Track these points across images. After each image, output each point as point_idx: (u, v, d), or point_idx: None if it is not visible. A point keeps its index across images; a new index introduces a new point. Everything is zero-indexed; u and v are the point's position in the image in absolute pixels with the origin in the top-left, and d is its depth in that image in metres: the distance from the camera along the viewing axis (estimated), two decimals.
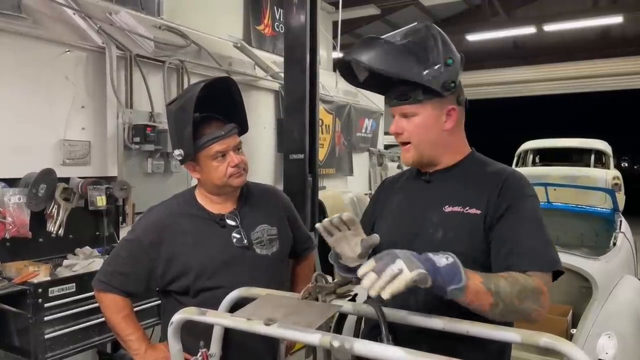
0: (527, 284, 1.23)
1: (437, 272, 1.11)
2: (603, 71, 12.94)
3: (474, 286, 1.16)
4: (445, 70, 1.37)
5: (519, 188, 1.40)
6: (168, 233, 1.76)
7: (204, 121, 1.76)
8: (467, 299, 1.16)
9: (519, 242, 1.32)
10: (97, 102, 3.22)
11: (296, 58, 3.88)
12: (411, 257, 1.11)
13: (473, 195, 1.41)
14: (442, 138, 1.46)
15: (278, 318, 1.17)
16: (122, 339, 1.78)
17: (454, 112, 1.45)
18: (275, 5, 5.77)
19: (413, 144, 1.45)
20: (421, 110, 1.42)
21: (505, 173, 1.44)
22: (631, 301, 3.07)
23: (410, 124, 1.44)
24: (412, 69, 1.36)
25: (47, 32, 2.97)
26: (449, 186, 1.47)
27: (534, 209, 1.38)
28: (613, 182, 8.68)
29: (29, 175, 2.74)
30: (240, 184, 1.81)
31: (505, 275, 1.24)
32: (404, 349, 0.99)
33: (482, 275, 1.20)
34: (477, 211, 1.38)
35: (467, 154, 1.53)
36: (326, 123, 5.59)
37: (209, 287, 1.74)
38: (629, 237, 4.36)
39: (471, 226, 1.38)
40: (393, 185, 1.66)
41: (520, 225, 1.34)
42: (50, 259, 2.77)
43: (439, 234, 1.41)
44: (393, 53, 1.37)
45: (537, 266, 1.29)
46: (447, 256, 1.15)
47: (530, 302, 1.22)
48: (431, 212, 1.45)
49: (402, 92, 1.43)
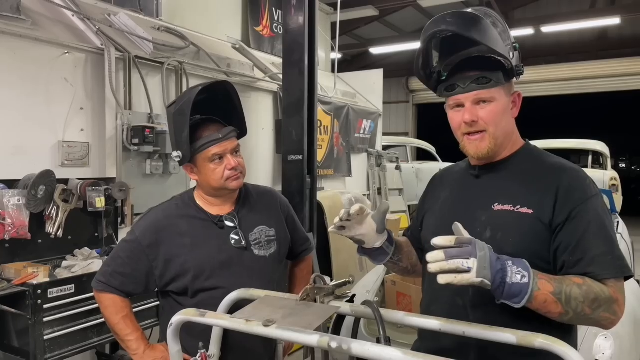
0: (601, 294, 1.19)
1: (503, 286, 1.10)
2: (601, 72, 12.97)
3: (542, 297, 1.14)
4: (514, 54, 1.32)
5: (582, 189, 1.31)
6: (166, 234, 1.77)
7: (202, 124, 1.78)
8: (533, 307, 1.16)
9: (589, 250, 1.25)
10: (96, 103, 3.22)
11: (295, 59, 3.89)
12: (486, 262, 1.09)
13: (525, 192, 1.33)
14: (511, 125, 1.40)
15: (277, 319, 1.18)
16: (121, 339, 1.79)
17: (519, 99, 1.40)
18: (274, 6, 5.78)
19: (489, 132, 1.35)
20: (498, 95, 1.34)
21: (563, 170, 1.35)
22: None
23: (485, 110, 1.34)
24: (502, 45, 1.27)
25: (46, 33, 2.98)
26: (499, 182, 1.39)
27: (599, 209, 1.30)
28: (610, 183, 8.72)
29: (28, 177, 2.75)
30: (237, 187, 1.82)
31: (581, 281, 1.20)
32: (400, 349, 1.00)
33: (555, 283, 1.16)
34: (529, 210, 1.30)
35: (520, 146, 1.44)
36: (325, 124, 5.60)
37: (207, 288, 1.75)
38: (625, 238, 4.38)
39: (523, 226, 1.30)
40: (442, 179, 1.61)
41: (588, 230, 1.26)
42: (49, 260, 2.77)
43: (486, 234, 1.33)
44: (488, 28, 1.28)
45: (611, 273, 1.23)
46: (523, 274, 1.12)
47: (603, 311, 1.19)
48: (480, 209, 1.38)
49: (481, 76, 1.32)
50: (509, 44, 1.31)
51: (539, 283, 1.14)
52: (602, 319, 1.20)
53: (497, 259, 1.12)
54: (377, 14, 11.69)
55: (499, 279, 1.10)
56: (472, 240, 1.12)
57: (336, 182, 6.09)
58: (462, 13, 1.32)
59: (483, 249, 1.11)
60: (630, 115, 20.46)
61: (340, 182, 6.22)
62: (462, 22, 1.28)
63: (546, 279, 1.16)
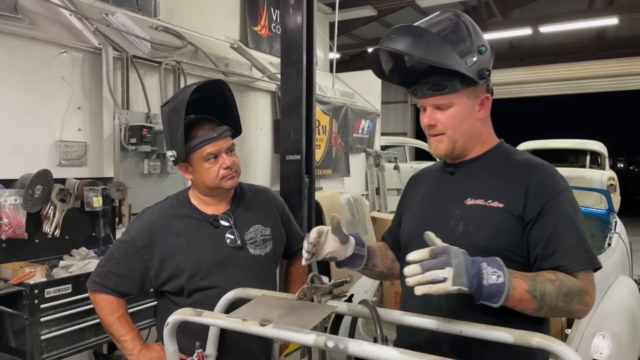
0: (573, 287, 1.23)
1: (481, 289, 1.14)
2: (599, 72, 12.99)
3: (518, 295, 1.18)
4: (479, 58, 1.35)
5: (552, 184, 1.36)
6: (161, 234, 1.77)
7: (197, 123, 1.77)
8: (510, 305, 1.19)
9: (561, 243, 1.30)
10: (94, 103, 3.22)
11: (293, 59, 3.88)
12: (462, 268, 1.11)
13: (496, 187, 1.38)
14: (475, 128, 1.43)
15: (273, 319, 1.18)
16: (117, 339, 1.78)
17: (487, 101, 1.43)
18: (272, 6, 5.78)
19: (447, 135, 1.41)
20: (457, 100, 1.38)
21: (533, 167, 1.40)
22: (626, 301, 3.08)
23: (445, 115, 1.40)
24: (451, 57, 1.31)
25: (44, 33, 2.97)
26: (473, 178, 1.44)
27: (569, 203, 1.34)
28: (608, 183, 8.73)
29: (25, 176, 2.74)
30: (232, 186, 1.82)
31: (553, 277, 1.24)
32: (397, 349, 1.00)
33: (529, 280, 1.20)
34: (500, 204, 1.35)
35: (494, 145, 1.49)
36: (323, 124, 5.60)
37: (203, 287, 1.75)
38: (624, 238, 4.38)
39: (494, 220, 1.35)
40: (419, 179, 1.65)
41: (559, 225, 1.31)
42: (46, 260, 2.76)
43: (459, 228, 1.38)
44: (431, 41, 1.32)
45: (581, 265, 1.28)
46: (499, 274, 1.15)
47: (576, 303, 1.24)
48: (453, 204, 1.42)
49: (437, 83, 1.37)
50: (469, 50, 1.33)
51: (514, 282, 1.17)
52: (575, 310, 1.25)
53: (473, 263, 1.15)
54: (376, 14, 11.70)
55: (476, 283, 1.13)
56: (447, 249, 1.14)
57: (334, 182, 6.08)
58: (407, 29, 1.35)
59: (458, 255, 1.13)
60: (629, 116, 20.51)
61: (338, 182, 6.21)
62: (404, 40, 1.32)
63: (520, 277, 1.20)
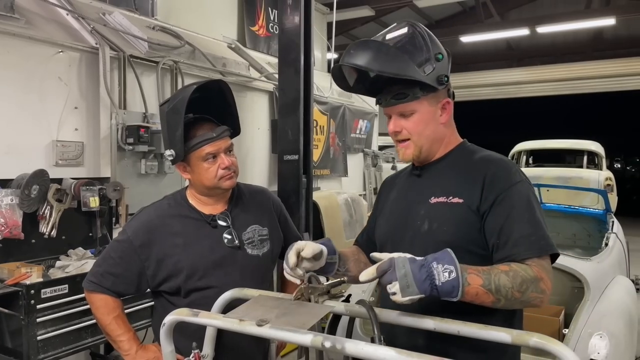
0: (526, 276, 1.25)
1: (435, 290, 1.15)
2: (596, 73, 13.01)
3: (473, 290, 1.20)
4: (437, 65, 1.41)
5: (506, 176, 1.41)
6: (158, 234, 1.76)
7: (196, 122, 1.77)
8: (467, 300, 1.21)
9: (513, 232, 1.33)
10: (90, 102, 3.21)
11: (290, 59, 3.88)
12: (409, 279, 1.14)
13: (457, 184, 1.45)
14: (439, 132, 1.50)
15: (270, 319, 1.17)
16: (113, 339, 1.78)
17: (448, 105, 1.49)
18: (270, 6, 5.77)
19: (412, 141, 1.48)
20: (419, 107, 1.45)
21: (490, 162, 1.46)
22: (623, 301, 3.09)
23: (409, 121, 1.47)
24: (409, 67, 1.37)
25: (40, 32, 2.96)
26: (436, 178, 1.51)
27: (523, 194, 1.39)
28: (605, 183, 8.74)
29: (21, 176, 2.73)
30: (230, 186, 1.82)
31: (506, 268, 1.26)
32: (394, 349, 1.00)
33: (483, 274, 1.22)
34: (460, 200, 1.41)
35: (457, 144, 1.56)
36: (320, 124, 5.59)
37: (200, 287, 1.75)
38: (621, 238, 4.39)
39: (455, 215, 1.41)
40: (391, 182, 1.72)
41: (511, 214, 1.35)
42: (42, 260, 2.76)
43: (425, 226, 1.45)
44: (389, 54, 1.39)
45: (534, 252, 1.31)
46: (450, 270, 1.16)
47: (531, 292, 1.25)
48: (419, 204, 1.49)
49: (398, 92, 1.44)
50: (426, 58, 1.40)
51: (469, 278, 1.19)
52: (531, 299, 1.26)
53: (421, 267, 1.17)
54: (373, 14, 11.69)
55: (428, 286, 1.15)
56: (391, 263, 1.18)
57: (332, 182, 6.08)
58: (365, 45, 1.42)
59: (404, 265, 1.16)
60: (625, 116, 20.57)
61: (336, 182, 6.21)
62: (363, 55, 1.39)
63: (475, 272, 1.22)
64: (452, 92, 1.52)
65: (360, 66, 1.39)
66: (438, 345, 1.29)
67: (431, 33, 1.47)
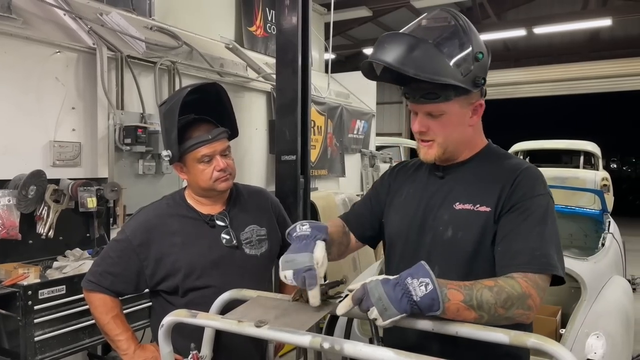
0: (512, 292, 1.19)
1: (414, 306, 1.10)
2: (592, 73, 13.06)
3: (454, 307, 1.13)
4: (475, 65, 1.30)
5: (531, 186, 1.34)
6: (157, 233, 1.77)
7: (194, 123, 1.77)
8: (449, 317, 1.15)
9: (517, 241, 1.28)
10: (88, 103, 3.20)
11: (288, 59, 3.88)
12: (384, 301, 1.10)
13: (484, 191, 1.37)
14: (466, 134, 1.42)
15: (269, 320, 1.17)
16: (111, 339, 1.78)
17: (480, 108, 1.40)
18: (267, 6, 5.77)
19: (437, 142, 1.40)
20: (449, 108, 1.35)
21: (519, 169, 1.38)
22: (619, 301, 3.10)
23: (437, 122, 1.37)
24: (446, 69, 1.27)
25: (38, 32, 2.95)
26: (461, 182, 1.43)
27: (541, 207, 1.32)
28: (602, 184, 8.77)
29: (18, 177, 2.73)
30: (226, 189, 1.82)
31: (491, 283, 1.20)
32: (393, 350, 1.00)
33: (465, 289, 1.16)
34: (487, 209, 1.34)
35: (482, 147, 1.48)
36: (318, 124, 5.60)
37: (198, 287, 1.75)
38: (617, 238, 4.41)
39: (481, 225, 1.34)
40: (405, 173, 1.60)
41: (522, 224, 1.30)
42: (40, 260, 2.75)
43: (448, 233, 1.38)
44: (426, 54, 1.27)
45: (531, 267, 1.24)
46: (426, 282, 1.10)
47: (516, 308, 1.19)
48: (442, 209, 1.41)
49: (429, 91, 1.33)
50: (466, 58, 1.29)
51: (449, 294, 1.13)
52: (516, 315, 1.20)
53: (396, 286, 1.11)
54: (371, 15, 11.70)
55: (407, 303, 1.10)
56: (364, 289, 1.13)
57: (330, 182, 6.08)
58: (400, 39, 1.29)
59: (377, 289, 1.11)
60: (622, 116, 20.65)
61: (333, 182, 6.21)
62: (396, 51, 1.27)
63: (455, 287, 1.15)
64: (484, 90, 1.40)
65: (392, 65, 1.27)
66: (450, 349, 1.25)
67: (472, 27, 1.34)
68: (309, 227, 1.33)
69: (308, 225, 1.33)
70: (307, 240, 1.29)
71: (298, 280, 1.23)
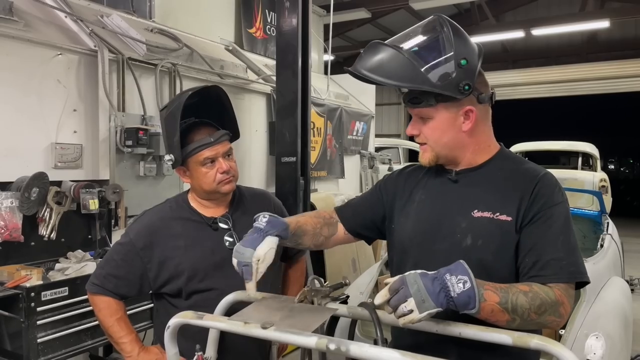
0: (547, 299, 1.21)
1: (451, 302, 1.11)
2: (590, 75, 13.09)
3: (489, 307, 1.15)
4: (458, 72, 1.31)
5: (549, 195, 1.35)
6: (160, 236, 1.77)
7: (195, 127, 1.78)
8: (482, 317, 1.17)
9: (545, 253, 1.29)
10: (89, 105, 3.21)
11: (288, 61, 3.89)
12: (423, 293, 1.10)
13: (503, 199, 1.37)
14: (460, 139, 1.41)
15: (275, 322, 1.18)
16: (115, 341, 1.79)
17: (471, 113, 1.38)
18: (267, 8, 5.79)
19: (429, 146, 1.42)
20: (435, 113, 1.37)
21: (537, 176, 1.38)
22: (618, 302, 3.12)
23: (427, 126, 1.40)
24: (417, 76, 1.29)
25: (39, 35, 2.96)
26: (477, 188, 1.42)
27: (562, 216, 1.33)
28: (600, 185, 8.81)
29: (20, 179, 2.73)
30: (229, 191, 1.83)
31: (526, 288, 1.22)
32: (398, 351, 1.02)
33: (501, 292, 1.18)
34: (508, 218, 1.34)
35: (495, 153, 1.47)
36: (318, 126, 5.61)
37: (201, 290, 1.76)
38: (615, 239, 4.42)
39: (502, 233, 1.34)
40: (415, 178, 1.57)
41: (547, 234, 1.30)
42: (42, 262, 2.75)
43: (467, 241, 1.36)
44: (399, 62, 1.31)
45: (561, 278, 1.27)
46: (464, 280, 1.12)
47: (549, 315, 1.22)
48: (459, 216, 1.40)
49: (414, 96, 1.38)
50: (445, 65, 1.30)
51: (485, 294, 1.15)
52: (547, 322, 1.23)
53: (434, 280, 1.13)
54: (370, 17, 11.73)
55: (444, 298, 1.11)
56: (403, 280, 1.14)
57: (329, 183, 6.10)
58: (375, 49, 1.35)
59: (416, 281, 1.12)
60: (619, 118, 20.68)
61: (333, 183, 6.23)
62: (370, 61, 1.34)
63: (492, 289, 1.17)
64: (485, 96, 1.40)
65: (362, 73, 1.33)
66: (468, 352, 1.26)
67: (463, 33, 1.35)
68: (266, 222, 1.38)
69: (267, 219, 1.39)
70: (258, 234, 1.36)
71: (239, 271, 1.34)
